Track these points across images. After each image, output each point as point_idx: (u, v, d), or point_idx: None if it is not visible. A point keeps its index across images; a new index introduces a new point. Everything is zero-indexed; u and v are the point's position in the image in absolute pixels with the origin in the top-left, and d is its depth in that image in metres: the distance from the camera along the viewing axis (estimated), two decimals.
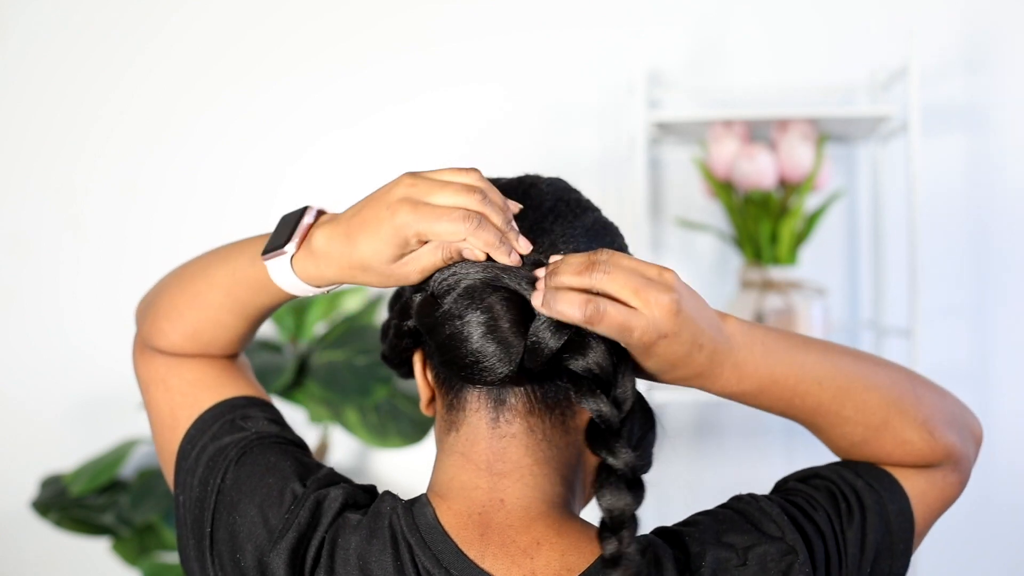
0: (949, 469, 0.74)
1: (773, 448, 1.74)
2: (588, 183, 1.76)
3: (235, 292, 0.74)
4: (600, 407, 0.62)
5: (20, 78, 1.84)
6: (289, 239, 0.67)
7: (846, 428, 0.72)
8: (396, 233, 0.63)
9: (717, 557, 0.66)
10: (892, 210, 1.67)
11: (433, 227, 0.62)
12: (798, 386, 0.69)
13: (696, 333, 0.62)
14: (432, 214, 0.62)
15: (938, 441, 0.72)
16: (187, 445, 0.75)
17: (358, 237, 0.64)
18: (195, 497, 0.72)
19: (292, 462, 0.72)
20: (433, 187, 0.63)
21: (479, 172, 0.65)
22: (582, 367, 0.63)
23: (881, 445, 0.72)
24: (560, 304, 0.60)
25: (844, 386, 0.71)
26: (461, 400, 0.70)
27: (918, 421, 0.72)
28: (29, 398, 1.84)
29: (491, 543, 0.65)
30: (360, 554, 0.65)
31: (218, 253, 0.76)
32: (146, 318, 0.80)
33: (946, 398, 0.76)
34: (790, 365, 0.68)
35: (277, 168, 1.81)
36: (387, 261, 0.64)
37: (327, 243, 0.65)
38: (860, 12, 1.72)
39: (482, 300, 0.64)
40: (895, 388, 0.72)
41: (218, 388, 0.77)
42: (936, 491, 0.74)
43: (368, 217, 0.64)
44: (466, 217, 0.62)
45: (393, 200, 0.63)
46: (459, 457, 0.69)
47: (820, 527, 0.69)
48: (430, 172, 0.65)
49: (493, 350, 0.63)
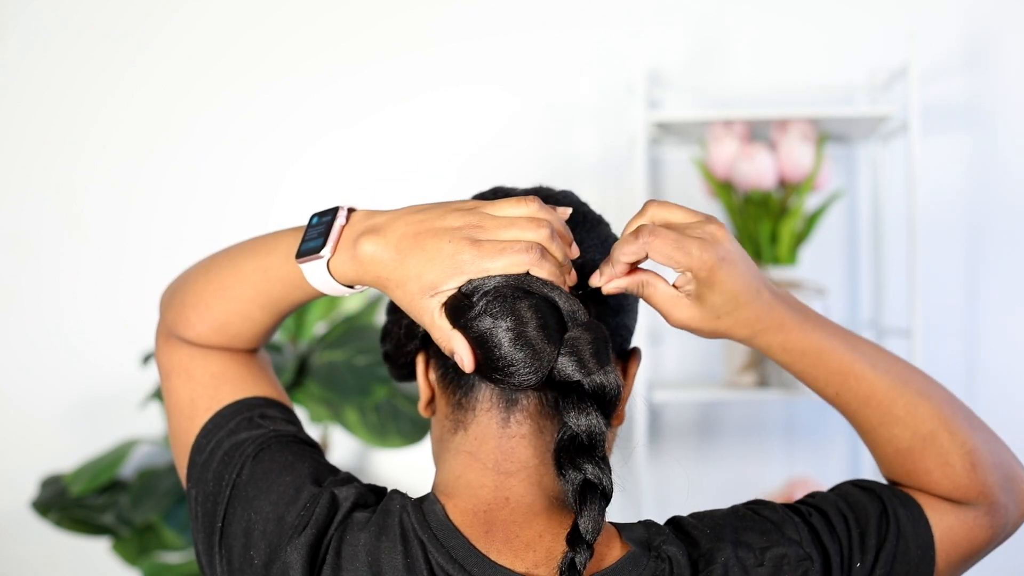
0: (982, 512, 0.73)
1: (773, 448, 1.74)
2: (588, 183, 1.77)
3: (266, 288, 0.74)
4: (591, 422, 0.63)
5: (20, 78, 1.85)
6: (324, 243, 0.67)
7: (895, 429, 0.72)
8: (455, 269, 0.62)
9: (734, 555, 0.66)
10: (892, 210, 1.67)
11: (494, 264, 0.62)
12: (855, 364, 0.70)
13: (752, 273, 0.66)
14: (494, 249, 0.62)
15: (978, 476, 0.72)
16: (203, 439, 0.75)
17: (410, 258, 0.63)
18: (209, 491, 0.72)
19: (309, 462, 0.72)
20: (499, 226, 0.63)
21: (539, 201, 0.65)
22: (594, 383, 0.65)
23: (924, 459, 0.72)
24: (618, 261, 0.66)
25: (897, 382, 0.71)
26: (471, 399, 0.70)
27: (965, 448, 0.71)
28: (29, 398, 1.84)
29: (495, 539, 0.66)
30: (369, 551, 0.65)
31: (249, 247, 0.76)
32: (172, 307, 0.80)
33: (1000, 444, 0.75)
34: (846, 341, 0.70)
35: (277, 168, 1.81)
36: (429, 289, 0.63)
37: (375, 252, 0.64)
38: (860, 12, 1.72)
39: (513, 305, 0.63)
40: (948, 406, 0.72)
41: (239, 384, 0.77)
42: (964, 530, 0.72)
43: (427, 243, 0.63)
44: (528, 248, 0.62)
45: (455, 233, 0.62)
46: (466, 456, 0.70)
47: (839, 542, 0.69)
48: (491, 206, 0.64)
49: (523, 356, 0.63)
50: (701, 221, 0.66)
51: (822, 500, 0.73)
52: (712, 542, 0.67)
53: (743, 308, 0.66)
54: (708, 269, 0.64)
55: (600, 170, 1.74)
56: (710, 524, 0.69)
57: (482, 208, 0.64)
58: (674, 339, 1.74)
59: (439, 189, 1.70)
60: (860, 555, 0.69)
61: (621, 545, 0.67)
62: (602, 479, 0.63)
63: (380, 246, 0.64)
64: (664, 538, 0.67)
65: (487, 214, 0.64)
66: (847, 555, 0.69)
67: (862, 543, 0.70)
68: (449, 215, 0.64)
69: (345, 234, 0.67)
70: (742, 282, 0.65)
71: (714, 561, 0.66)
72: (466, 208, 0.64)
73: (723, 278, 0.64)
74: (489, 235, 0.62)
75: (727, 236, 0.65)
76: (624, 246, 0.65)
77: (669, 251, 0.63)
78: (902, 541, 0.70)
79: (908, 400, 0.71)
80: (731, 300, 0.65)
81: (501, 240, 0.62)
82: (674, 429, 1.76)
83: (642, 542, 0.67)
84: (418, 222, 0.64)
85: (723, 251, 0.64)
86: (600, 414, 0.64)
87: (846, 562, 0.69)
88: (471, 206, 0.64)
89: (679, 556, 0.66)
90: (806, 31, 1.73)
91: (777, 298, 0.68)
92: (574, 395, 0.64)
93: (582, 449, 0.64)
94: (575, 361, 0.63)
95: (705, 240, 0.64)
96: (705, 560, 0.66)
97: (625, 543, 0.67)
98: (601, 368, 0.63)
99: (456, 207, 0.64)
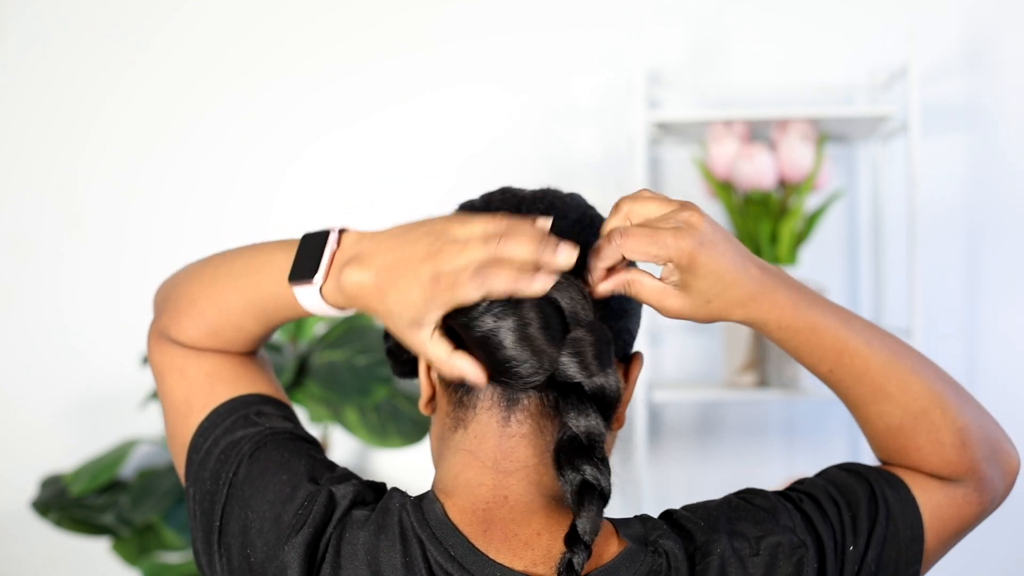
0: (971, 488, 0.73)
1: (773, 448, 1.75)
2: (588, 183, 1.77)
3: (259, 302, 0.74)
4: (591, 423, 0.64)
5: (20, 78, 1.85)
6: (316, 268, 0.67)
7: (886, 406, 0.72)
8: (424, 305, 0.62)
9: (729, 546, 0.66)
10: (892, 210, 1.67)
11: (453, 299, 0.62)
12: (849, 340, 0.70)
13: (735, 251, 0.65)
14: (447, 283, 0.61)
15: (967, 453, 0.72)
16: (199, 438, 0.75)
17: (388, 293, 0.63)
18: (206, 490, 0.72)
19: (306, 459, 0.72)
20: (456, 251, 0.62)
21: (508, 218, 0.64)
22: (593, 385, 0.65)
23: (915, 436, 0.72)
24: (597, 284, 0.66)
25: (891, 358, 0.71)
26: (472, 397, 0.70)
27: (956, 425, 0.72)
28: (29, 398, 1.84)
29: (494, 538, 0.66)
30: (368, 549, 0.66)
31: (244, 258, 0.76)
32: (165, 309, 0.80)
33: (989, 418, 0.75)
34: (840, 317, 0.70)
35: (277, 168, 1.81)
36: (413, 324, 0.64)
37: (359, 281, 0.65)
38: (860, 12, 1.72)
39: (516, 304, 0.63)
40: (940, 383, 0.73)
41: (235, 382, 0.77)
42: (954, 508, 0.73)
43: (399, 278, 0.63)
44: (475, 275, 0.61)
45: (422, 265, 0.62)
46: (465, 454, 0.70)
47: (832, 527, 0.70)
48: (460, 226, 0.63)
49: (526, 356, 0.63)
50: (675, 210, 0.65)
51: (811, 486, 0.73)
52: (707, 534, 0.67)
53: (732, 287, 0.65)
54: (687, 256, 0.63)
55: (600, 170, 1.74)
56: (704, 516, 0.69)
57: (449, 229, 0.63)
58: (674, 339, 1.75)
59: (439, 189, 1.70)
60: (853, 539, 0.70)
61: (618, 541, 0.67)
62: (600, 480, 0.63)
63: (363, 275, 0.64)
64: (660, 533, 0.67)
65: (449, 239, 0.63)
66: (840, 540, 0.70)
67: (854, 527, 0.70)
68: (420, 240, 0.63)
69: (336, 259, 0.67)
70: (725, 261, 0.64)
71: (710, 553, 0.66)
72: (435, 232, 0.63)
73: (705, 261, 0.64)
74: (448, 263, 0.62)
75: (702, 219, 0.64)
76: (598, 252, 0.65)
77: (644, 248, 0.63)
78: (891, 523, 0.71)
79: (901, 377, 0.71)
80: (717, 282, 0.65)
81: (457, 269, 0.61)
82: (674, 429, 1.76)
83: (639, 538, 0.67)
84: (394, 249, 0.64)
85: (700, 235, 0.63)
86: (600, 416, 0.64)
87: (839, 546, 0.69)
88: (440, 229, 0.63)
89: (676, 550, 0.66)
90: (806, 31, 1.73)
91: (767, 273, 0.68)
92: (574, 396, 0.64)
93: (581, 450, 0.64)
94: (577, 362, 0.63)
95: (680, 229, 0.63)
96: (701, 553, 0.66)
97: (622, 539, 0.67)
98: (603, 370, 0.64)
99: (427, 230, 0.64)
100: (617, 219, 0.67)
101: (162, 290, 0.82)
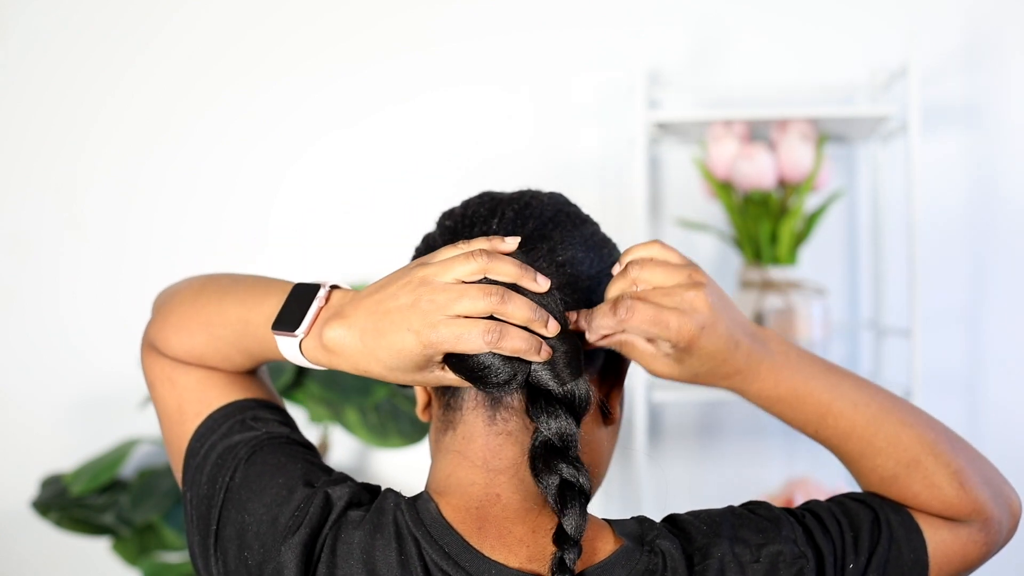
0: (976, 528, 0.73)
1: (773, 448, 1.75)
2: (588, 183, 1.78)
3: (245, 341, 0.74)
4: (562, 424, 0.65)
5: (20, 78, 1.85)
6: (300, 321, 0.67)
7: (877, 460, 0.73)
8: (424, 359, 0.64)
9: (730, 551, 0.67)
10: (892, 210, 1.67)
11: (456, 347, 0.63)
12: (833, 403, 0.71)
13: (731, 328, 0.66)
14: (452, 338, 0.62)
15: (968, 494, 0.72)
16: (196, 443, 0.75)
17: (378, 351, 0.64)
18: (203, 494, 0.73)
19: (302, 463, 0.72)
20: (450, 299, 0.63)
21: (486, 253, 0.64)
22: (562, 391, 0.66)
23: (910, 485, 0.73)
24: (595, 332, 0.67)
25: (878, 415, 0.72)
26: (458, 399, 0.71)
27: (951, 469, 0.72)
28: (29, 398, 1.84)
29: (489, 535, 0.67)
30: (364, 549, 0.66)
31: (239, 291, 0.76)
32: (155, 322, 0.80)
33: (986, 462, 0.76)
34: (826, 381, 0.71)
35: (277, 168, 1.81)
36: (415, 372, 0.65)
37: (341, 338, 0.65)
38: (860, 12, 1.72)
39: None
40: (930, 432, 0.73)
41: (228, 388, 0.77)
42: (958, 545, 0.73)
43: (387, 334, 0.63)
44: (488, 330, 0.62)
45: (410, 317, 0.63)
46: (456, 455, 0.70)
47: (833, 542, 0.70)
48: (439, 267, 0.64)
49: (497, 362, 0.64)
50: (681, 285, 0.66)
51: (816, 506, 0.74)
52: (708, 537, 0.68)
53: (721, 365, 0.68)
54: (687, 341, 0.65)
55: (600, 170, 1.74)
56: (707, 520, 0.70)
57: (430, 275, 0.64)
58: None
59: (439, 189, 1.70)
60: (853, 556, 0.70)
61: (614, 540, 0.68)
62: (578, 477, 0.64)
63: (345, 333, 0.65)
64: (657, 532, 0.68)
65: (436, 284, 0.63)
66: (840, 555, 0.70)
67: (855, 545, 0.71)
68: (401, 292, 0.64)
69: (320, 315, 0.67)
70: (720, 342, 0.66)
71: (710, 556, 0.67)
72: (415, 281, 0.64)
73: (703, 344, 0.66)
74: (443, 311, 0.63)
75: (706, 301, 0.65)
76: (601, 318, 0.66)
77: (646, 328, 0.65)
78: (894, 546, 0.71)
79: (889, 431, 0.72)
80: (708, 360, 0.67)
81: (454, 317, 0.63)
82: (674, 429, 1.76)
83: (635, 536, 0.68)
84: (375, 305, 0.64)
85: (702, 320, 0.65)
86: (571, 416, 0.65)
87: (839, 562, 0.70)
88: (419, 279, 0.64)
89: (673, 550, 0.66)
90: (806, 31, 1.73)
91: (756, 344, 0.69)
92: (542, 400, 0.66)
93: (555, 451, 0.65)
94: (549, 371, 0.65)
95: (683, 312, 0.64)
96: (701, 555, 0.67)
97: (618, 538, 0.68)
98: (574, 379, 0.66)
99: (405, 280, 0.64)
100: (623, 284, 0.67)
101: (160, 298, 0.83)
